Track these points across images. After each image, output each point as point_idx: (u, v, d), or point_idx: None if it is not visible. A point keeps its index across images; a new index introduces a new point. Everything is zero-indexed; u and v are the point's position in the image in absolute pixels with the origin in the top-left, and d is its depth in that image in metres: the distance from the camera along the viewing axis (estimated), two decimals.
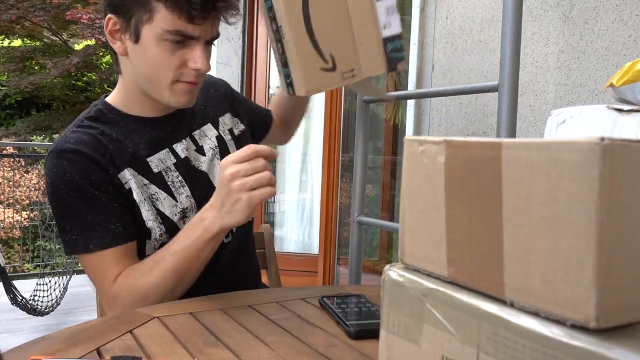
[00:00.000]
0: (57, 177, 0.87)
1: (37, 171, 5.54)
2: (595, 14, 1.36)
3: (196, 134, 1.03)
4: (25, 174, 5.75)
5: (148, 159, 0.94)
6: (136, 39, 0.87)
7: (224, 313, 0.78)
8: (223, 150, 1.06)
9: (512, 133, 1.15)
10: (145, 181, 0.93)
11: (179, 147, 0.99)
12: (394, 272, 0.44)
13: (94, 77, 10.81)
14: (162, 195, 0.94)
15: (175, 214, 0.95)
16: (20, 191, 5.88)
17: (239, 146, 1.09)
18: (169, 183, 0.95)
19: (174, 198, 0.95)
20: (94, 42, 9.70)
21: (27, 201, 5.85)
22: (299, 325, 0.74)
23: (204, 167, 1.01)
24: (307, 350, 0.65)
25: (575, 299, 0.30)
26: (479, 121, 1.69)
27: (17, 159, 5.24)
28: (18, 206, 5.72)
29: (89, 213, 0.87)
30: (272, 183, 0.80)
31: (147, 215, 0.92)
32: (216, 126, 1.07)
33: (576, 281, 0.30)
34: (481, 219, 0.36)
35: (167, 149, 0.97)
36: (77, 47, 10.53)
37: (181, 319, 0.75)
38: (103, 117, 0.95)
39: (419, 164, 0.42)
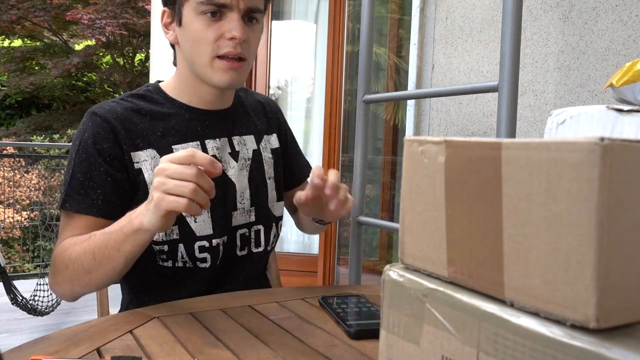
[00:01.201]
0: (78, 133, 0.92)
1: (37, 171, 5.55)
2: (594, 14, 1.36)
3: (235, 138, 1.03)
4: (25, 174, 5.76)
5: (173, 146, 0.95)
6: (180, 21, 0.93)
7: (224, 313, 0.78)
8: (256, 165, 1.05)
9: (512, 133, 1.15)
10: None
11: (210, 144, 0.99)
12: (394, 272, 0.44)
13: (94, 77, 10.83)
14: None
15: None
16: (20, 191, 5.88)
17: (276, 166, 1.09)
18: None
19: None
20: (94, 43, 9.72)
21: (28, 201, 5.86)
22: (299, 325, 0.74)
23: (230, 172, 1.00)
24: (307, 350, 0.65)
25: (575, 299, 0.30)
26: (479, 121, 1.69)
27: (17, 159, 5.24)
28: (18, 206, 5.73)
29: (83, 175, 0.89)
30: (194, 197, 0.70)
31: None
32: (258, 141, 1.07)
33: (576, 281, 0.30)
34: (481, 219, 0.36)
35: (198, 142, 0.97)
36: (78, 47, 10.55)
37: (181, 319, 0.75)
38: (149, 95, 0.98)
39: (419, 164, 0.42)
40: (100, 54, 10.32)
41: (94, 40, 9.49)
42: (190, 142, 0.96)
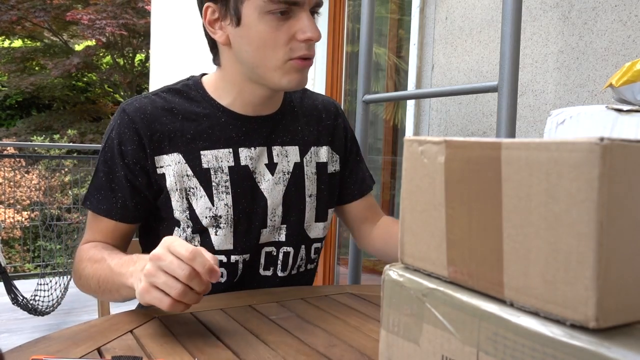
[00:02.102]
0: (108, 128, 0.90)
1: (37, 171, 5.55)
2: (594, 14, 1.36)
3: (276, 149, 0.94)
4: (25, 175, 5.76)
5: (202, 152, 0.89)
6: (237, 21, 0.82)
7: (224, 313, 0.78)
8: (296, 180, 0.95)
9: (511, 133, 1.15)
10: (190, 172, 0.88)
11: (244, 153, 0.91)
12: (393, 272, 0.44)
13: (94, 78, 10.83)
14: (200, 192, 0.89)
15: (206, 217, 0.89)
16: (20, 191, 5.88)
17: (320, 183, 0.99)
18: (213, 184, 0.89)
19: (212, 201, 0.89)
20: (94, 43, 9.72)
21: (28, 201, 5.86)
22: (299, 325, 0.74)
23: (263, 185, 0.92)
24: (307, 350, 0.65)
25: (575, 299, 0.30)
26: (479, 121, 1.69)
27: (17, 159, 5.25)
28: (19, 206, 5.73)
29: (105, 176, 0.88)
30: (181, 299, 0.64)
31: (176, 205, 0.89)
32: (302, 153, 0.97)
33: (576, 281, 0.30)
34: (481, 219, 0.36)
35: (230, 150, 0.90)
36: (78, 47, 10.55)
37: (181, 318, 0.75)
38: (187, 92, 0.92)
39: (419, 164, 0.42)
40: (100, 54, 10.33)
41: (94, 40, 9.50)
42: (221, 148, 0.89)
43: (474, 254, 0.37)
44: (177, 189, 0.88)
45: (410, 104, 1.93)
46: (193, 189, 0.89)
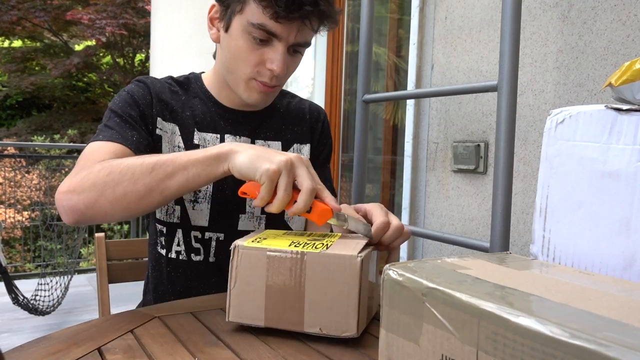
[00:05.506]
0: (118, 93, 0.96)
1: (38, 171, 5.55)
2: (593, 13, 1.36)
3: (258, 142, 1.02)
4: (26, 174, 5.76)
5: (195, 131, 0.97)
6: (227, 28, 0.92)
7: (224, 313, 0.79)
8: None
9: (511, 133, 1.15)
10: (181, 144, 0.96)
11: (229, 139, 0.99)
12: (393, 272, 0.44)
13: (94, 78, 10.83)
14: None
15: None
16: (21, 191, 5.88)
17: None
18: None
19: None
20: (94, 43, 9.73)
21: (28, 201, 5.86)
22: None
23: None
24: (307, 350, 0.66)
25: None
26: (479, 121, 1.69)
27: (18, 159, 5.24)
28: (19, 206, 5.73)
29: (119, 118, 0.91)
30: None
31: None
32: (285, 148, 1.04)
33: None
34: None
35: (218, 135, 0.99)
36: (78, 47, 10.56)
37: (182, 318, 0.75)
38: (187, 83, 1.03)
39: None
40: (101, 54, 10.34)
41: (94, 40, 9.51)
42: (210, 132, 0.98)
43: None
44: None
45: (410, 103, 1.93)
46: None
